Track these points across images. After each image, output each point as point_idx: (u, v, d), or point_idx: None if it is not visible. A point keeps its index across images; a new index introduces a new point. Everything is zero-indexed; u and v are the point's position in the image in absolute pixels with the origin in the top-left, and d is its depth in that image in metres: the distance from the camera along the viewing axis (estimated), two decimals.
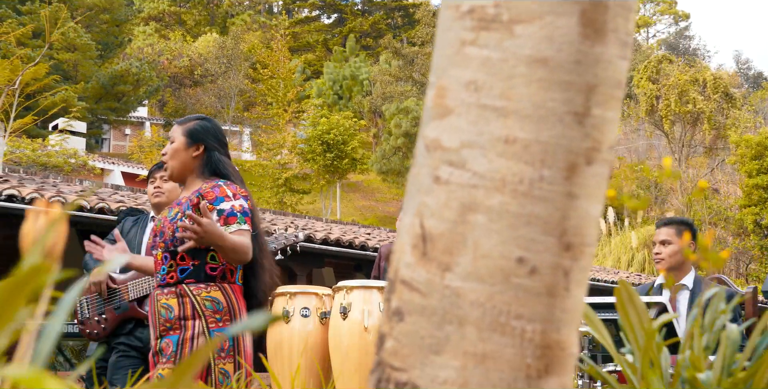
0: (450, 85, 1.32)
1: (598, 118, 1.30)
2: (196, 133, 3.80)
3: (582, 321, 1.84)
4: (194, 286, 3.63)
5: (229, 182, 3.69)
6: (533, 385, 1.29)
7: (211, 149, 3.79)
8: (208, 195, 3.63)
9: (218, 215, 3.61)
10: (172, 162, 3.79)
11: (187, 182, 3.81)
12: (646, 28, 60.49)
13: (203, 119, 3.92)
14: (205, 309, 3.61)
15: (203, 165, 3.77)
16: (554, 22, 1.27)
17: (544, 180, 1.28)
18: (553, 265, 1.29)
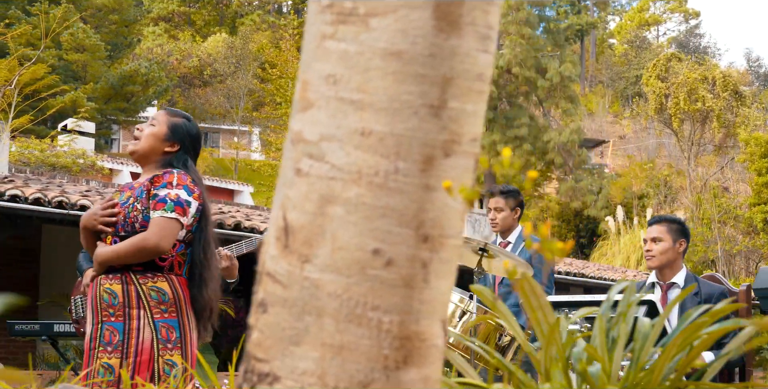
0: (312, 79, 1.33)
1: (455, 110, 1.31)
2: (179, 132, 3.79)
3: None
4: (141, 275, 3.61)
5: (182, 172, 3.68)
6: (391, 376, 1.30)
7: (184, 151, 3.80)
8: (157, 180, 3.62)
9: (152, 199, 3.60)
10: (143, 143, 3.76)
11: (146, 168, 3.79)
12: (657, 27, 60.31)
13: (191, 121, 3.91)
14: (150, 299, 3.59)
15: (166, 161, 3.76)
16: (408, 16, 1.27)
17: (399, 172, 1.28)
18: (410, 257, 1.30)
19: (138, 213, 3.63)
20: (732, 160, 34.09)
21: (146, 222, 3.61)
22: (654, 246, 5.06)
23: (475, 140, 1.35)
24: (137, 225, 3.62)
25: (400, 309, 1.30)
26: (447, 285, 1.36)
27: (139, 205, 3.63)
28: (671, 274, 5.08)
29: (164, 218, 3.57)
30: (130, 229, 3.63)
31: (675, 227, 5.11)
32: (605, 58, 56.66)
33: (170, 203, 3.58)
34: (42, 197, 11.48)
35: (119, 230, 3.65)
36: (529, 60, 33.74)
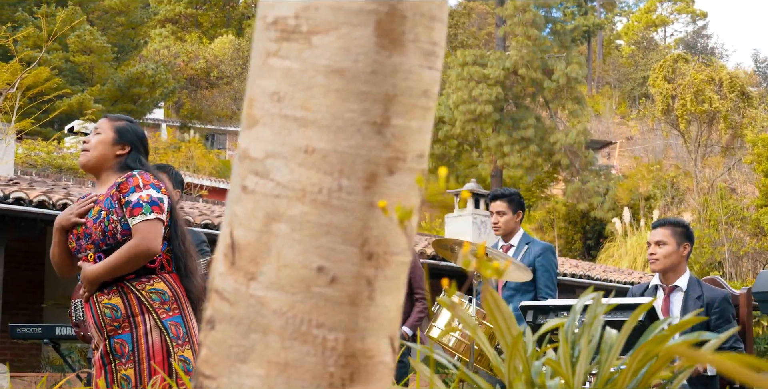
0: (257, 96, 1.33)
1: (399, 127, 1.31)
2: (127, 134, 3.83)
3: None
4: (136, 281, 3.63)
5: (142, 172, 3.72)
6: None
7: (135, 151, 3.83)
8: (123, 187, 3.64)
9: (126, 207, 3.61)
10: (93, 153, 3.78)
11: (102, 177, 3.80)
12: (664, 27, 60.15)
13: (133, 122, 3.97)
14: (152, 302, 3.62)
15: (122, 164, 3.79)
16: (350, 33, 1.27)
17: (342, 190, 1.28)
18: (354, 274, 1.30)
19: (116, 224, 3.64)
20: (739, 161, 34.01)
21: (127, 231, 3.63)
22: (658, 250, 5.05)
23: (422, 157, 1.35)
24: (119, 236, 3.64)
25: (345, 326, 1.30)
26: (394, 302, 1.36)
27: (114, 216, 3.64)
28: (674, 277, 5.07)
29: (146, 222, 3.59)
30: (112, 241, 3.65)
31: (679, 231, 5.10)
32: (612, 60, 56.56)
33: (146, 205, 3.61)
34: (46, 200, 11.50)
35: (101, 245, 3.67)
36: (536, 61, 33.70)
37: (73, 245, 3.78)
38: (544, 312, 4.91)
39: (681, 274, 5.11)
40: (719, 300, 4.99)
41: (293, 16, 1.29)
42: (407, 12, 1.29)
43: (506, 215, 6.32)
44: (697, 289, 5.09)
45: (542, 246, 6.37)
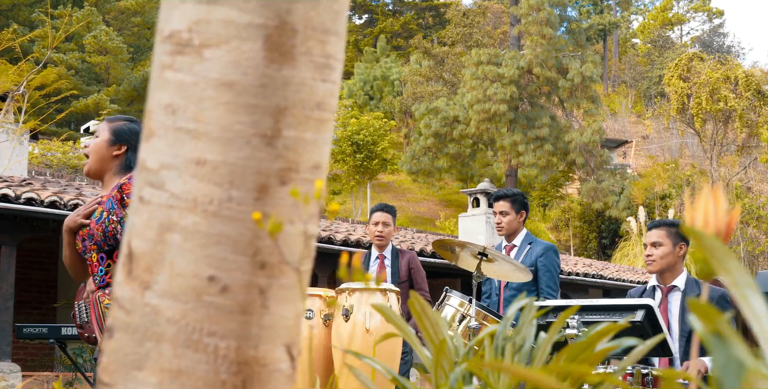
0: (153, 108, 1.36)
1: (291, 139, 1.33)
2: (122, 133, 3.84)
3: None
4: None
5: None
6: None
7: (133, 150, 3.84)
8: (126, 187, 3.66)
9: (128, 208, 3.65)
10: (92, 158, 3.82)
11: (105, 180, 3.84)
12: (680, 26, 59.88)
13: (132, 121, 3.96)
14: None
15: (122, 164, 3.81)
16: (240, 47, 1.30)
17: (233, 201, 1.31)
18: (246, 283, 1.32)
19: (116, 224, 3.67)
20: (755, 160, 33.83)
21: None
22: (654, 251, 5.07)
23: (317, 168, 1.37)
24: (119, 236, 3.66)
25: (238, 334, 1.32)
26: (291, 310, 1.38)
27: (114, 216, 3.67)
28: (672, 277, 5.08)
29: None
30: (113, 242, 3.68)
31: (674, 231, 5.11)
32: (628, 58, 56.35)
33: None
34: (58, 200, 11.56)
35: (102, 246, 3.70)
36: (550, 60, 33.62)
37: (79, 246, 3.81)
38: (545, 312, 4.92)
39: (678, 274, 5.12)
40: (717, 298, 5.00)
41: (186, 30, 1.31)
42: (298, 26, 1.31)
43: (509, 216, 6.34)
44: (695, 288, 5.10)
45: (544, 246, 6.37)
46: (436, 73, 40.76)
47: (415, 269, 6.95)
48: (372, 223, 6.98)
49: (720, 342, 0.83)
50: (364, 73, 44.50)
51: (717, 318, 0.82)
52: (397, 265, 6.92)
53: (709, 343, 0.78)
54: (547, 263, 6.29)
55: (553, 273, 6.33)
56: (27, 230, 12.29)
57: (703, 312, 0.83)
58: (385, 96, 43.35)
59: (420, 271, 6.98)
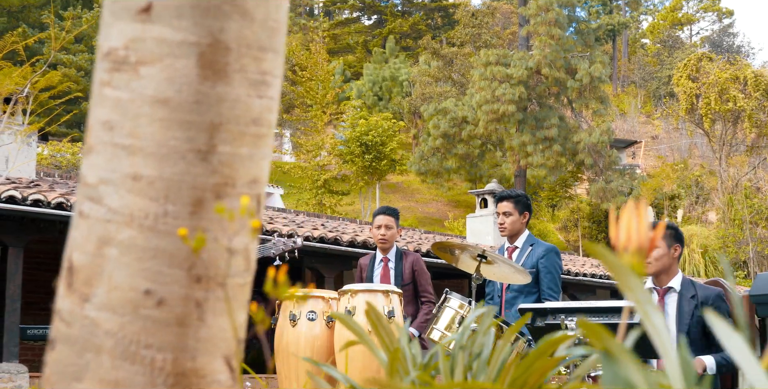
0: (93, 125, 1.38)
1: (226, 155, 1.35)
2: None
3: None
4: None
5: None
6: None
7: None
8: None
9: None
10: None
11: None
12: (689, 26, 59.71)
13: None
14: None
15: None
16: (174, 64, 1.32)
17: (168, 215, 1.33)
18: (183, 297, 1.35)
19: None
20: (764, 160, 33.73)
21: None
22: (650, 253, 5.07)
23: (255, 182, 1.39)
24: None
25: (174, 346, 1.35)
26: (230, 323, 1.40)
27: None
28: (667, 279, 5.09)
29: None
30: None
31: (669, 233, 5.12)
32: (637, 58, 56.24)
33: None
34: (64, 202, 11.61)
35: None
36: (559, 61, 33.58)
37: None
38: (543, 314, 4.93)
39: (674, 275, 5.13)
40: (713, 297, 5.01)
41: (123, 48, 1.34)
42: (232, 44, 1.33)
43: (512, 216, 6.35)
44: (690, 289, 5.10)
45: (546, 248, 6.38)
46: (445, 73, 40.75)
47: (419, 272, 6.96)
48: (375, 226, 6.99)
49: (608, 359, 0.85)
50: (373, 74, 44.51)
51: (606, 337, 0.84)
52: (400, 267, 6.93)
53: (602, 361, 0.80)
54: (548, 265, 6.29)
55: (555, 275, 6.34)
56: (34, 231, 12.33)
57: (592, 331, 0.85)
58: (393, 97, 43.36)
59: (424, 273, 6.99)
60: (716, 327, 0.84)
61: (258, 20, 1.35)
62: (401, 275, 6.89)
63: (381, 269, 6.97)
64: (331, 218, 23.78)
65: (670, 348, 0.90)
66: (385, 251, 6.97)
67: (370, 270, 6.99)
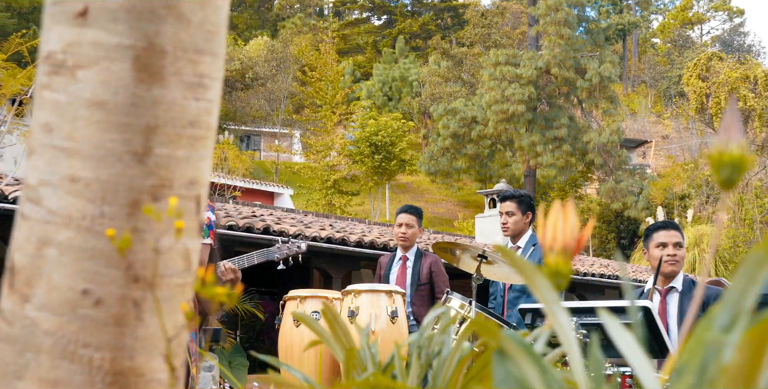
0: (34, 127, 1.40)
1: (163, 157, 1.37)
2: None
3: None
4: None
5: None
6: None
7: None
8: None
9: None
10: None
11: None
12: (700, 25, 59.58)
13: None
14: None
15: None
16: (109, 68, 1.34)
17: (105, 216, 1.35)
18: (120, 296, 1.37)
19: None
20: None
21: None
22: (678, 252, 5.08)
23: (194, 184, 1.41)
24: None
25: (113, 345, 1.37)
26: (169, 322, 1.42)
27: None
28: (670, 279, 5.10)
29: (203, 245, 3.60)
30: None
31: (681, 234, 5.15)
32: (648, 58, 56.14)
33: (206, 229, 3.61)
34: None
35: None
36: (568, 61, 33.58)
37: None
38: (542, 314, 4.94)
39: (676, 275, 5.15)
40: (714, 297, 5.03)
41: (61, 51, 1.36)
42: (167, 47, 1.35)
43: (515, 216, 6.36)
44: (692, 289, 5.12)
45: None
46: (455, 73, 40.79)
47: (437, 272, 6.96)
48: (396, 224, 6.97)
49: (501, 358, 0.86)
50: (383, 75, 44.58)
51: (499, 335, 0.85)
52: (418, 267, 6.93)
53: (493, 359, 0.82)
54: None
55: None
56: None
57: (485, 329, 0.86)
58: (403, 97, 43.42)
59: (442, 275, 6.99)
60: (611, 328, 0.85)
61: (194, 23, 1.37)
62: (418, 274, 6.89)
63: (399, 268, 6.95)
64: (340, 218, 23.80)
65: (575, 347, 0.91)
66: (406, 249, 6.94)
67: (387, 268, 6.99)
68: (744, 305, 0.80)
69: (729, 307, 0.80)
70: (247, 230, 12.63)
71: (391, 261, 7.05)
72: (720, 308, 0.81)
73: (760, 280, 0.80)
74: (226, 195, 26.60)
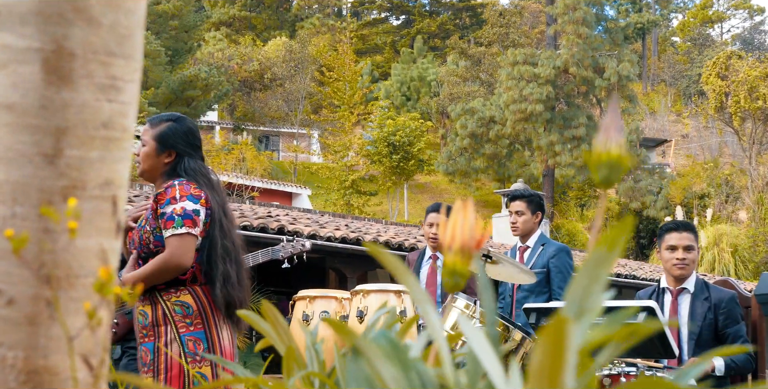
0: None
1: (74, 158, 1.39)
2: (167, 138, 3.73)
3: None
4: (165, 292, 3.62)
5: (184, 182, 3.65)
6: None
7: (182, 154, 3.73)
8: (160, 197, 3.61)
9: (161, 218, 3.60)
10: (143, 165, 3.76)
11: (156, 186, 3.79)
12: (720, 24, 59.19)
13: (175, 120, 3.83)
14: (174, 314, 3.59)
15: (170, 170, 3.73)
16: (18, 70, 1.36)
17: (17, 217, 1.37)
18: (32, 296, 1.38)
19: (149, 234, 3.64)
20: None
21: (158, 242, 3.62)
22: (688, 255, 5.04)
23: (108, 185, 1.43)
24: (151, 246, 3.64)
25: (26, 345, 1.38)
26: (84, 321, 1.43)
27: (149, 226, 3.64)
28: (681, 280, 5.08)
29: (176, 236, 3.56)
30: (147, 250, 3.66)
31: (695, 237, 5.13)
32: (667, 57, 55.87)
33: (178, 219, 3.56)
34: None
35: (140, 253, 3.69)
36: (586, 60, 33.45)
37: (126, 246, 3.80)
38: (547, 314, 4.94)
39: (689, 276, 5.12)
40: (726, 300, 4.99)
41: None
42: (77, 50, 1.37)
43: (525, 216, 6.34)
44: (704, 291, 5.08)
45: (557, 247, 6.36)
46: (473, 73, 40.73)
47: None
48: (426, 224, 6.82)
49: (355, 357, 0.87)
50: (401, 74, 44.58)
51: (353, 335, 0.86)
52: None
53: (342, 359, 0.82)
54: (559, 264, 6.27)
55: (566, 274, 6.31)
56: None
57: (339, 328, 0.87)
58: (421, 97, 43.39)
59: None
60: (462, 325, 0.86)
61: (105, 27, 1.39)
62: None
63: (429, 267, 6.90)
64: (356, 218, 23.81)
65: (444, 344, 0.92)
66: (435, 249, 6.86)
67: (417, 266, 6.94)
68: (587, 304, 0.80)
69: (571, 307, 0.80)
70: (261, 230, 12.65)
71: (420, 260, 6.99)
72: (563, 309, 0.82)
73: (602, 279, 0.80)
74: (244, 196, 26.69)
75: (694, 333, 4.96)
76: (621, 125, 1.11)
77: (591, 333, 0.74)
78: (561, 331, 0.66)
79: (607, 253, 0.80)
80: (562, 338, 0.67)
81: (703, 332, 4.96)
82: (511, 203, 6.44)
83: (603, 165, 1.07)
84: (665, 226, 5.28)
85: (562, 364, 0.68)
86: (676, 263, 5.02)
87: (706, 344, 4.94)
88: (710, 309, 4.98)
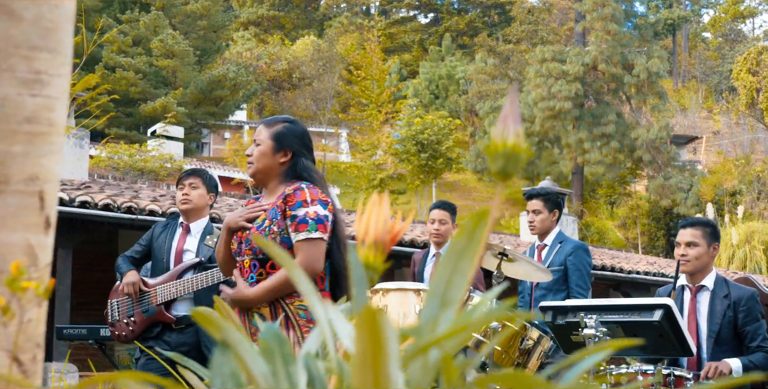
0: None
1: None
2: (284, 138, 3.70)
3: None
4: (287, 295, 3.57)
5: (311, 186, 3.60)
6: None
7: (298, 154, 3.70)
8: (290, 200, 3.55)
9: (291, 221, 3.56)
10: (257, 165, 3.71)
11: (270, 187, 3.74)
12: (752, 19, 58.54)
13: (290, 121, 3.81)
14: (299, 318, 3.54)
15: (287, 171, 3.70)
16: None
17: None
18: None
19: (276, 235, 3.57)
20: None
21: (285, 244, 3.58)
22: (689, 251, 4.99)
23: (34, 179, 1.42)
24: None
25: None
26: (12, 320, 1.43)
27: (275, 227, 3.58)
28: (701, 277, 5.03)
29: (309, 240, 3.53)
30: (264, 253, 3.60)
31: (709, 231, 5.06)
32: (698, 53, 55.38)
33: (312, 223, 3.52)
34: (111, 203, 11.78)
35: (258, 253, 3.61)
36: (615, 56, 33.24)
37: (234, 246, 3.71)
38: (563, 312, 4.91)
39: (707, 273, 5.06)
40: (746, 298, 4.93)
41: None
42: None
43: (542, 214, 6.31)
44: (724, 288, 5.03)
45: (574, 245, 6.33)
46: (501, 71, 40.60)
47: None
48: (429, 221, 6.89)
49: (223, 349, 0.86)
50: (430, 73, 44.53)
51: (222, 326, 0.85)
52: None
53: (215, 352, 0.81)
54: (576, 262, 6.24)
55: (583, 272, 6.27)
56: (82, 232, 12.51)
57: (207, 321, 0.85)
58: (450, 95, 43.32)
59: (476, 271, 6.91)
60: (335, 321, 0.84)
61: (28, 20, 1.38)
62: None
63: (432, 265, 6.90)
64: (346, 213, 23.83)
65: (238, 336, 0.90)
66: (439, 246, 6.84)
67: (421, 265, 6.95)
68: (449, 295, 0.78)
69: (433, 298, 0.78)
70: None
71: (424, 258, 6.99)
72: (425, 302, 0.80)
73: (465, 269, 0.78)
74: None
75: (713, 331, 4.91)
76: (518, 115, 1.08)
77: (449, 325, 0.72)
78: (374, 322, 0.64)
79: (467, 243, 0.78)
80: (376, 329, 0.65)
81: (722, 330, 4.90)
82: (528, 202, 6.42)
83: (499, 155, 1.05)
84: (680, 223, 5.25)
85: (382, 355, 0.66)
86: (679, 259, 5.00)
87: (725, 342, 4.89)
88: (730, 307, 4.92)
